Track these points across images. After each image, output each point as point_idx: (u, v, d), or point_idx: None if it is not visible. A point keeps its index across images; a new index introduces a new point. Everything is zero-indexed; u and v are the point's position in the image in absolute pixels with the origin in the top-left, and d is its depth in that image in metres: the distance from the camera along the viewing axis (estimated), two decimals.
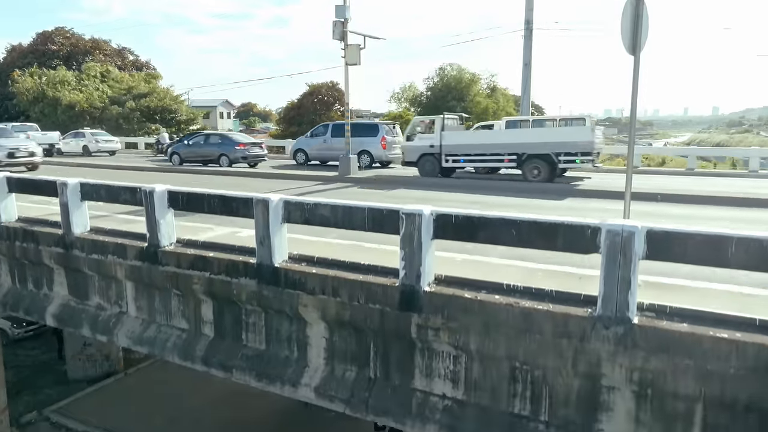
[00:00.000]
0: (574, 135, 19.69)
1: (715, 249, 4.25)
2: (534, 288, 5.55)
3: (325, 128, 27.30)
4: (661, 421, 5.35)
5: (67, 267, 9.47)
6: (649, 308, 4.84)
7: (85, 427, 15.16)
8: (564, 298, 5.15)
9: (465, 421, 6.25)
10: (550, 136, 20.21)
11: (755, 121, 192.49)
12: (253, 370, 7.65)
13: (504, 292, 5.35)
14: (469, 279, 5.83)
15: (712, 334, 4.28)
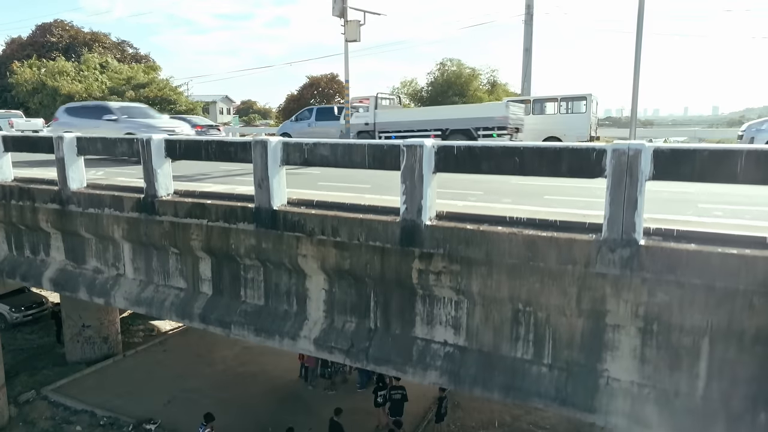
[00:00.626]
0: (491, 111, 20.90)
1: (723, 164, 4.14)
2: (537, 219, 5.44)
3: (309, 112, 26.57)
4: (666, 357, 5.26)
5: (63, 230, 9.36)
6: (656, 232, 4.72)
7: (84, 405, 15.03)
8: (568, 226, 5.04)
9: (467, 366, 6.15)
10: (469, 112, 21.71)
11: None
12: (252, 325, 7.55)
13: (507, 224, 5.24)
14: (471, 214, 5.72)
15: (720, 251, 4.18)
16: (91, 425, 14.29)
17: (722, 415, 5.00)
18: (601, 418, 5.45)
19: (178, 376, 16.94)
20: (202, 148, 6.87)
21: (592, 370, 5.59)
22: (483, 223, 5.23)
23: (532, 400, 5.78)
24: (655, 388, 5.31)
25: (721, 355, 4.99)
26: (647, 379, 5.35)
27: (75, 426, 14.24)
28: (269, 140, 6.19)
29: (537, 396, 5.74)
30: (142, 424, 14.17)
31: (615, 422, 5.38)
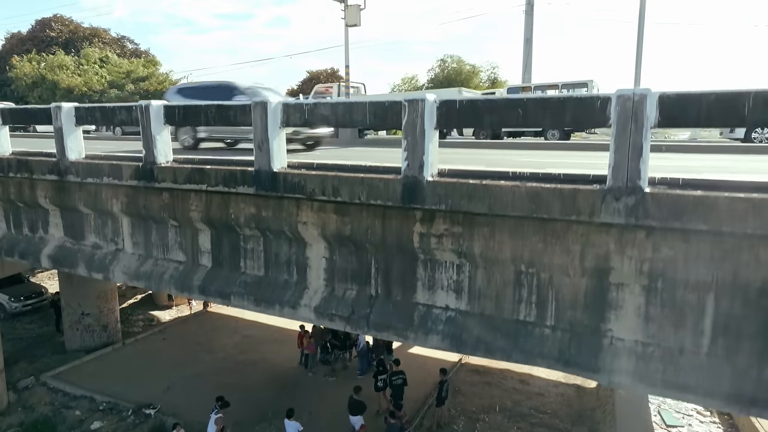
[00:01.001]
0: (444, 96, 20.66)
1: (730, 107, 4.07)
2: (541, 173, 5.38)
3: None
4: (671, 315, 5.19)
5: (62, 206, 9.30)
6: (661, 182, 4.65)
7: (83, 391, 14.98)
8: (572, 179, 4.97)
9: (468, 330, 6.09)
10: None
11: None
12: (251, 295, 7.49)
13: (510, 179, 5.17)
14: (474, 170, 5.65)
15: (727, 195, 4.11)
16: (90, 410, 14.24)
17: (728, 372, 4.94)
18: (605, 377, 5.38)
19: (178, 363, 16.89)
20: (202, 112, 6.80)
21: (595, 331, 5.53)
22: (485, 178, 5.17)
23: (535, 361, 5.72)
24: (659, 346, 5.25)
25: (726, 311, 4.92)
26: (651, 337, 5.29)
27: (74, 411, 14.18)
28: (269, 101, 6.13)
29: (540, 357, 5.68)
30: (142, 408, 14.11)
31: (619, 381, 5.32)
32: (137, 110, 7.16)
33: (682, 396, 5.10)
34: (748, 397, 4.81)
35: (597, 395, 14.83)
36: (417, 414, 13.66)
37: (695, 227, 4.18)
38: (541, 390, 15.18)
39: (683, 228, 4.26)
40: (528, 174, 5.35)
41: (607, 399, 13.88)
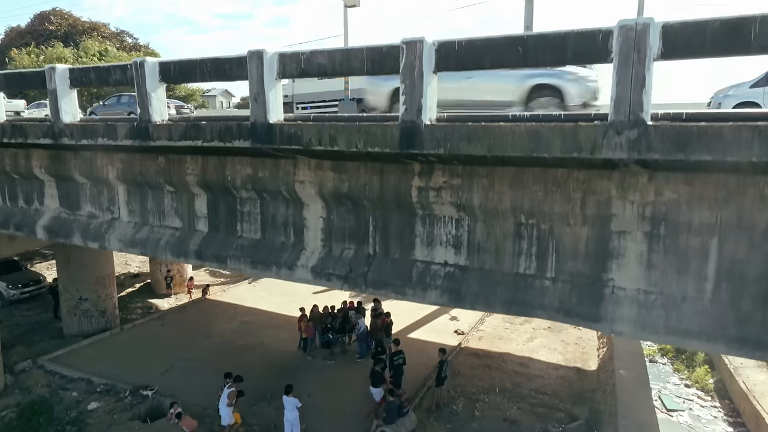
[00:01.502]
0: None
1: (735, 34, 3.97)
2: (541, 114, 5.29)
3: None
4: (674, 262, 5.10)
5: (57, 175, 9.20)
6: (664, 117, 4.55)
7: (80, 373, 14.87)
8: (573, 119, 4.84)
9: (468, 284, 6.00)
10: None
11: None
12: (248, 258, 7.39)
13: (510, 121, 5.05)
14: (472, 115, 5.55)
15: (732, 124, 4.00)
16: (87, 392, 14.13)
17: (731, 317, 4.85)
18: (607, 326, 5.29)
19: (176, 348, 16.79)
20: (197, 67, 6.70)
21: (596, 281, 5.44)
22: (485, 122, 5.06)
23: (535, 313, 5.63)
24: (662, 294, 5.16)
25: (730, 255, 4.83)
26: (654, 285, 5.20)
27: (71, 392, 14.08)
28: (265, 51, 6.04)
29: (540, 308, 5.59)
30: (139, 390, 14.01)
31: (621, 329, 5.23)
32: (132, 68, 7.08)
33: (684, 342, 5.00)
34: (752, 341, 4.73)
35: (597, 377, 14.74)
36: (416, 395, 13.56)
37: (699, 158, 4.07)
38: (541, 372, 15.09)
39: (687, 160, 4.15)
40: (528, 116, 5.26)
41: (607, 380, 13.79)
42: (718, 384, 16.89)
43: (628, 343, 15.60)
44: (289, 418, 11.33)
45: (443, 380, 13.11)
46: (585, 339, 17.56)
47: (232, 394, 11.64)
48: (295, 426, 11.34)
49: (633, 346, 15.36)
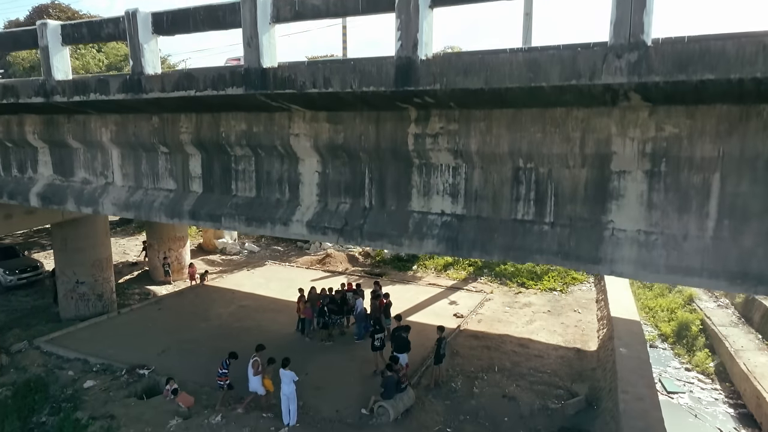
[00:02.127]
0: None
1: None
2: (539, 46, 5.18)
3: None
4: (675, 200, 5.01)
5: (51, 141, 9.10)
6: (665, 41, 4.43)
7: (76, 354, 14.76)
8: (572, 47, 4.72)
9: (465, 232, 5.90)
10: None
11: None
12: (243, 215, 7.29)
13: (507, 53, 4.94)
14: (469, 51, 5.45)
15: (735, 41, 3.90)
16: (83, 371, 14.02)
17: (734, 253, 4.75)
18: (606, 267, 5.19)
19: (173, 330, 16.68)
20: (190, 16, 6.58)
21: (596, 224, 5.34)
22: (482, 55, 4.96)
23: (533, 258, 5.53)
24: (662, 234, 5.06)
25: (732, 190, 4.73)
26: (654, 226, 5.10)
27: (67, 371, 13.96)
28: None
29: (538, 253, 5.49)
30: (136, 369, 13.90)
31: (621, 270, 5.13)
32: (124, 20, 6.97)
33: (686, 280, 4.90)
34: (754, 276, 4.63)
35: (597, 356, 14.64)
36: (415, 373, 13.45)
37: (702, 77, 3.96)
38: (540, 353, 14.98)
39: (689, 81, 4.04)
40: (525, 48, 5.16)
41: (607, 358, 13.69)
42: (718, 367, 16.80)
43: (629, 323, 15.51)
44: (286, 392, 11.21)
45: (441, 358, 13.00)
46: (585, 321, 17.47)
47: (255, 362, 11.53)
48: (291, 400, 11.23)
49: (633, 327, 15.27)
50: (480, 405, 12.17)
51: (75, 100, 7.42)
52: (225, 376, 11.78)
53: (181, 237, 22.65)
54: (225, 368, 11.86)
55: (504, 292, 20.49)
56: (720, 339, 17.41)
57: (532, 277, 21.56)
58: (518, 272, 21.99)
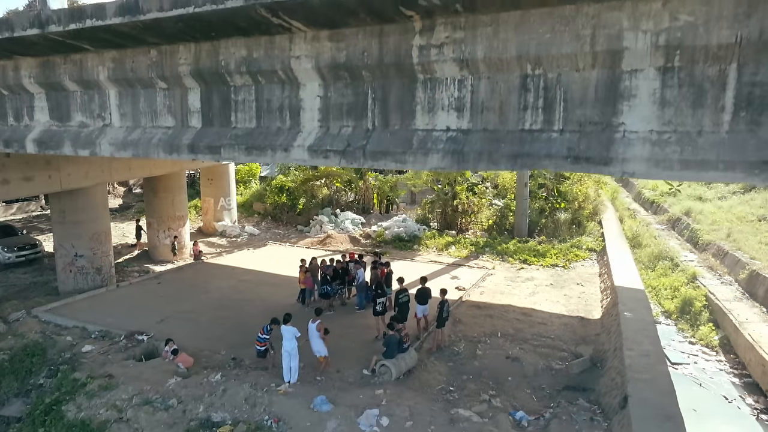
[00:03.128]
0: None
1: None
2: None
3: None
4: (689, 95, 4.84)
5: (47, 84, 8.94)
6: None
7: (75, 322, 14.61)
8: None
9: (471, 144, 5.74)
10: None
11: None
12: (243, 145, 7.13)
13: None
14: None
15: None
16: (82, 337, 13.86)
17: (751, 144, 4.59)
18: (617, 167, 5.03)
19: (172, 301, 16.53)
20: None
21: (607, 126, 5.18)
22: None
23: (541, 164, 5.36)
24: (675, 132, 4.90)
25: (750, 79, 4.57)
26: (667, 124, 4.94)
27: (65, 337, 13.82)
28: None
29: (547, 158, 5.32)
30: (134, 335, 13.75)
31: (633, 169, 4.97)
32: None
33: (701, 175, 4.74)
34: None
35: (601, 323, 14.48)
36: (417, 338, 13.29)
37: None
38: (543, 320, 14.81)
39: None
40: None
41: (611, 323, 13.53)
42: (722, 340, 16.65)
43: (633, 291, 15.35)
44: (288, 348, 11.05)
45: (444, 321, 12.84)
46: (588, 293, 17.31)
47: (320, 325, 11.39)
48: (293, 356, 11.06)
49: (637, 294, 15.11)
50: (483, 366, 12.00)
51: (71, 29, 7.24)
52: (265, 342, 11.57)
53: (181, 216, 22.50)
54: (266, 333, 11.64)
55: (506, 268, 20.33)
56: (724, 312, 17.25)
57: (534, 254, 21.40)
58: (520, 250, 21.84)
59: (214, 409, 10.06)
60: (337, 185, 31.43)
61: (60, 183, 16.18)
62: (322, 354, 11.52)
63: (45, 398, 11.25)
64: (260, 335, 11.56)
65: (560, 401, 10.30)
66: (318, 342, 11.44)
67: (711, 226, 25.23)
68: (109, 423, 10.19)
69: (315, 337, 11.42)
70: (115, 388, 10.96)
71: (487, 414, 9.72)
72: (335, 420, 9.46)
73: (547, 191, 26.91)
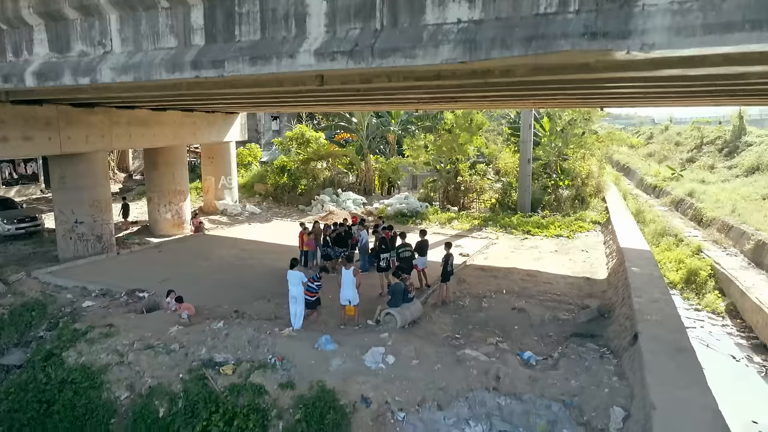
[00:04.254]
0: None
1: None
2: None
3: None
4: None
5: (47, 14, 8.78)
6: None
7: (75, 282, 14.44)
8: None
9: (483, 32, 5.57)
10: None
11: None
12: (247, 56, 6.97)
13: None
14: None
15: None
16: (82, 295, 13.70)
17: None
18: (636, 40, 4.86)
19: (173, 266, 16.38)
20: None
21: (625, 3, 5.01)
22: None
23: (557, 44, 5.18)
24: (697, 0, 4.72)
25: None
26: None
27: (65, 295, 13.66)
28: None
29: (563, 37, 5.15)
30: (135, 292, 13.59)
31: (653, 40, 4.79)
32: None
33: (725, 38, 4.55)
34: None
35: (608, 281, 14.33)
36: (422, 294, 13.14)
37: None
38: (549, 280, 14.66)
39: None
40: None
41: (619, 278, 13.36)
42: (728, 307, 16.55)
43: (639, 251, 15.19)
44: (294, 293, 10.88)
45: (449, 275, 12.68)
46: (593, 258, 17.16)
47: (356, 271, 11.13)
48: (300, 301, 10.89)
49: (644, 254, 14.95)
50: (489, 317, 11.85)
51: None
52: (316, 292, 11.23)
53: (182, 191, 22.30)
54: (317, 280, 11.31)
55: (509, 238, 20.18)
56: (730, 280, 17.14)
57: (538, 226, 21.25)
58: (524, 223, 21.69)
59: (217, 351, 9.90)
60: (339, 167, 31.30)
61: (60, 146, 16.02)
62: (355, 303, 11.23)
63: (45, 346, 11.09)
64: (311, 284, 11.17)
65: (569, 345, 10.14)
66: (352, 290, 11.13)
67: (715, 204, 25.11)
68: (110, 367, 10.04)
69: (350, 284, 11.10)
70: (116, 335, 10.81)
71: (494, 354, 9.55)
72: (340, 358, 9.30)
73: (550, 169, 26.77)
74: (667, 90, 10.73)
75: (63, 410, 9.48)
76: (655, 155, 45.22)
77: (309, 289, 11.08)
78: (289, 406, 8.51)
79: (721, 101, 15.87)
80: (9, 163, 31.76)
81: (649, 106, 17.00)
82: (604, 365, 8.96)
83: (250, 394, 8.68)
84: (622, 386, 8.08)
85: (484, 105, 18.99)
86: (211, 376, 9.17)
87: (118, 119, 18.18)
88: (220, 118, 24.41)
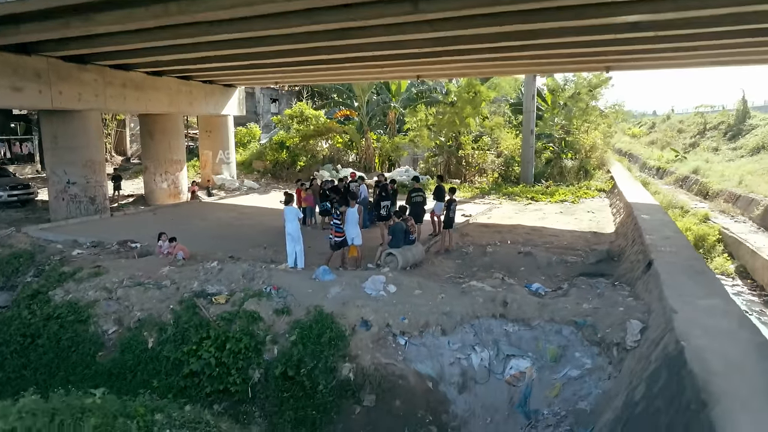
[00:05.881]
0: None
1: None
2: None
3: None
4: None
5: None
6: None
7: (65, 236, 13.97)
8: None
9: None
10: None
11: None
12: None
13: None
14: None
15: None
16: (72, 247, 13.24)
17: None
18: None
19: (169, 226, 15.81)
20: None
21: None
22: None
23: None
24: None
25: None
26: None
27: (56, 245, 13.19)
28: None
29: None
30: (127, 242, 13.15)
31: None
32: None
33: None
34: None
35: (616, 233, 13.87)
36: (424, 243, 12.68)
37: None
38: (555, 234, 14.20)
39: None
40: None
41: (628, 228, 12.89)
42: (738, 269, 16.14)
43: (647, 205, 14.74)
44: (290, 230, 10.44)
45: (452, 222, 12.23)
46: (600, 217, 16.70)
47: (360, 208, 10.67)
48: (297, 239, 10.45)
49: (652, 206, 14.52)
50: (494, 260, 11.41)
51: None
52: (341, 231, 10.63)
53: (178, 160, 21.88)
54: (337, 218, 10.74)
55: (513, 204, 19.73)
56: (740, 242, 16.74)
57: (542, 194, 20.80)
58: (527, 191, 21.26)
59: (210, 284, 9.44)
60: (338, 146, 30.84)
61: (51, 101, 15.55)
62: (357, 243, 10.77)
63: (32, 286, 10.62)
64: (334, 221, 10.64)
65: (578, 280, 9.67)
66: (355, 228, 10.69)
67: (721, 178, 24.72)
68: (97, 302, 9.57)
69: (353, 222, 10.65)
70: (105, 274, 10.34)
71: (500, 287, 9.09)
72: (339, 286, 8.84)
73: (554, 142, 26.32)
74: (670, 45, 10.53)
75: (47, 343, 9.02)
76: (658, 142, 44.76)
77: (336, 228, 10.56)
78: (284, 331, 8.05)
79: (724, 59, 15.31)
80: (4, 142, 31.29)
81: (651, 69, 16.62)
82: (617, 291, 8.51)
83: (243, 321, 8.22)
84: (638, 304, 7.62)
85: (482, 68, 18.43)
86: (203, 305, 8.72)
87: (112, 79, 17.71)
88: (218, 90, 23.97)
